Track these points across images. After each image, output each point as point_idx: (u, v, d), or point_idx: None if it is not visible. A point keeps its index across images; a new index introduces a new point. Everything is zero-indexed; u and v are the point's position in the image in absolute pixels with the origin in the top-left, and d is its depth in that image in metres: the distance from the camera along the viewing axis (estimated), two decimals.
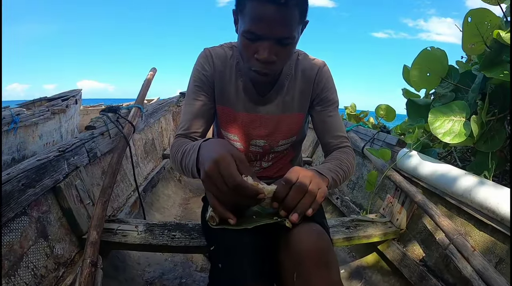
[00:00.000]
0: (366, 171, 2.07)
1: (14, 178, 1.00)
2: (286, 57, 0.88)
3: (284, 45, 0.84)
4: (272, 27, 0.80)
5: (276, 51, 0.84)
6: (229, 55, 1.03)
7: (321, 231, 0.77)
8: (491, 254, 1.12)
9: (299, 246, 0.72)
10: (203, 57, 1.03)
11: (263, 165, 1.15)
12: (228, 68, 1.03)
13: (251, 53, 0.85)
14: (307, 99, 1.06)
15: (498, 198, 1.07)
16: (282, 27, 0.80)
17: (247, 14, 0.81)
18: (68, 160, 1.29)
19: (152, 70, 2.30)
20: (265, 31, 0.80)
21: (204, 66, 1.02)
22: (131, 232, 1.26)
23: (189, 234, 1.23)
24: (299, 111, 1.07)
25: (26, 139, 3.35)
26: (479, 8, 1.23)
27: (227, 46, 1.06)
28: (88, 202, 1.34)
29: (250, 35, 0.83)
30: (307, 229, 0.76)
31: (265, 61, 0.84)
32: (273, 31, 0.80)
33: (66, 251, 1.19)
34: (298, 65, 1.05)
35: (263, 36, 0.81)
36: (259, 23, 0.80)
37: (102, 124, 1.63)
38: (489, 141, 1.30)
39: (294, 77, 1.04)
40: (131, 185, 1.85)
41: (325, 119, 1.06)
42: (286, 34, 0.82)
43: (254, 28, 0.81)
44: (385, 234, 1.45)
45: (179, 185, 2.63)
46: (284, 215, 0.72)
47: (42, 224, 1.12)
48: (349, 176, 0.98)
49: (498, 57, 1.20)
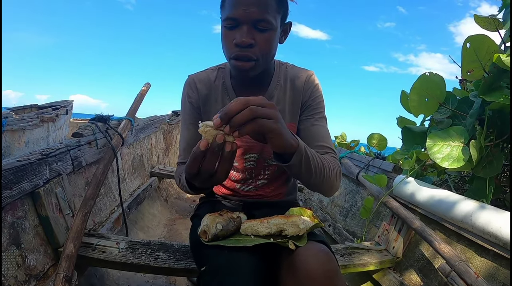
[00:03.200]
0: (360, 198, 2.02)
1: None
2: (264, 43, 0.88)
3: (261, 30, 0.86)
4: (247, 10, 0.83)
5: (253, 35, 0.86)
6: (213, 78, 1.05)
7: (329, 252, 0.71)
8: (494, 281, 1.07)
9: (306, 268, 0.66)
10: (187, 85, 1.06)
11: (258, 183, 1.10)
12: (214, 90, 1.05)
13: (231, 41, 0.87)
14: (297, 108, 1.04)
15: (500, 222, 1.05)
16: (257, 10, 0.84)
17: (226, 6, 0.87)
18: (51, 165, 1.21)
19: (146, 85, 2.27)
20: (241, 14, 0.84)
21: (189, 94, 1.05)
22: (111, 249, 1.16)
23: (173, 255, 1.15)
24: (290, 121, 1.04)
25: (11, 144, 3.24)
26: (478, 34, 1.25)
27: (211, 69, 1.08)
28: (68, 212, 1.25)
29: (228, 22, 0.86)
30: (314, 250, 0.70)
31: (242, 44, 0.85)
32: (249, 14, 0.83)
33: (40, 262, 1.10)
34: (287, 75, 1.05)
35: (239, 19, 0.85)
36: (235, 9, 0.84)
37: (90, 132, 1.56)
38: (487, 167, 1.29)
39: (283, 87, 1.04)
40: (115, 200, 1.76)
41: (309, 127, 1.01)
42: (261, 17, 0.84)
43: (231, 14, 0.85)
44: (380, 262, 1.39)
45: (166, 205, 2.53)
46: (217, 123, 0.58)
47: (15, 230, 1.04)
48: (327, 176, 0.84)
49: (497, 82, 1.21)
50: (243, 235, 0.74)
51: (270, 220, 0.72)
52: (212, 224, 0.72)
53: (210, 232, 0.71)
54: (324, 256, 0.69)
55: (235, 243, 0.70)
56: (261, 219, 0.74)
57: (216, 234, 0.71)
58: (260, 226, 0.72)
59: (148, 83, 2.34)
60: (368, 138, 2.59)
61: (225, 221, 0.73)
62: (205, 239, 0.72)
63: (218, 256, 0.71)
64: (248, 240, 0.71)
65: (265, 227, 0.72)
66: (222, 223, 0.72)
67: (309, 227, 0.73)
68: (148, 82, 2.35)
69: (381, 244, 1.52)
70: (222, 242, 0.71)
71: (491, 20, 1.37)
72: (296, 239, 0.71)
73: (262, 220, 0.73)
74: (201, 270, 0.73)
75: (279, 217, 0.72)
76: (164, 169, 2.61)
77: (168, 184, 2.79)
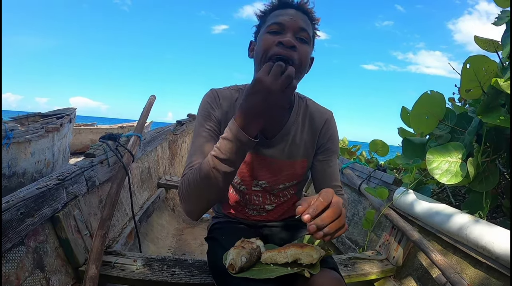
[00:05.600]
0: (361, 208, 2.09)
1: (13, 207, 0.98)
2: (302, 54, 0.91)
3: (302, 40, 0.92)
4: (293, 19, 0.91)
5: (295, 42, 0.89)
6: (234, 97, 1.05)
7: (339, 278, 0.81)
8: None
9: None
10: (210, 96, 1.03)
11: (266, 208, 1.15)
12: (234, 111, 1.02)
13: (273, 43, 0.89)
14: (313, 147, 1.08)
15: (493, 236, 1.11)
16: (301, 21, 0.92)
17: (271, 17, 0.94)
18: (67, 189, 1.27)
19: (151, 98, 2.31)
20: (287, 21, 0.91)
21: (212, 105, 1.02)
22: (129, 266, 1.23)
23: (189, 271, 1.21)
24: (303, 158, 1.08)
25: (17, 156, 3.28)
26: (478, 55, 1.29)
27: (233, 89, 1.07)
28: (86, 233, 1.31)
29: (273, 27, 0.91)
30: (326, 278, 0.78)
31: (287, 43, 0.87)
32: (294, 22, 0.91)
33: (62, 282, 1.16)
34: (307, 112, 1.07)
35: (285, 25, 0.90)
36: (282, 16, 0.92)
37: (102, 152, 1.62)
38: (483, 182, 1.35)
39: (301, 124, 1.06)
40: (127, 215, 1.82)
41: (326, 169, 1.09)
42: (304, 26, 0.92)
43: (277, 20, 0.91)
44: (382, 271, 1.46)
45: (173, 215, 2.60)
46: (313, 230, 0.67)
47: (38, 255, 1.09)
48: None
49: (494, 102, 1.26)
50: (263, 264, 0.83)
51: (287, 251, 0.81)
52: (237, 257, 0.80)
53: (237, 266, 0.79)
54: (335, 282, 0.79)
55: (259, 275, 0.79)
56: (279, 249, 0.83)
57: (242, 266, 0.80)
58: (278, 256, 0.81)
59: (153, 96, 2.37)
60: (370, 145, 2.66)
61: (248, 253, 0.82)
62: (232, 271, 0.80)
63: None
64: (269, 269, 0.80)
65: (283, 257, 0.81)
66: (246, 256, 0.81)
67: (321, 256, 0.82)
68: (153, 95, 2.39)
69: (382, 253, 1.58)
70: (248, 273, 0.79)
71: (491, 42, 1.42)
72: (309, 267, 0.79)
73: (279, 250, 0.82)
74: None
75: (295, 248, 0.81)
76: (170, 179, 2.67)
77: (174, 193, 2.85)
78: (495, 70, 1.26)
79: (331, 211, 0.68)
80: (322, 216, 0.67)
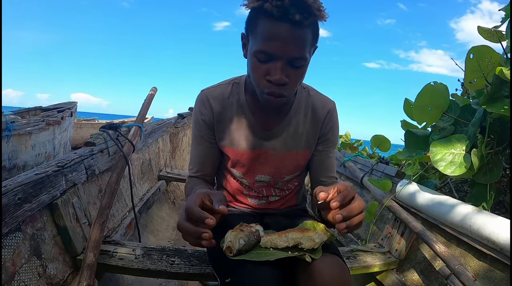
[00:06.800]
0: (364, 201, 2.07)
1: (11, 191, 0.96)
2: (297, 80, 0.85)
3: (296, 67, 0.82)
4: (285, 46, 0.77)
5: (287, 73, 0.81)
6: (227, 94, 1.02)
7: (342, 263, 0.78)
8: (491, 283, 1.13)
9: (322, 279, 0.73)
10: (199, 101, 1.04)
11: (270, 199, 1.14)
12: (228, 107, 1.02)
13: (262, 75, 0.82)
14: (314, 138, 1.06)
15: (497, 228, 1.09)
16: (295, 47, 0.78)
17: (259, 33, 0.79)
18: (66, 176, 1.25)
19: (152, 90, 2.30)
20: (278, 50, 0.78)
21: (201, 111, 1.02)
22: (128, 255, 1.21)
23: (188, 261, 1.19)
24: (305, 149, 1.07)
25: (18, 148, 3.27)
26: (481, 45, 1.28)
27: (225, 84, 1.04)
28: (84, 221, 1.29)
29: (262, 56, 0.80)
30: (328, 262, 0.76)
31: (277, 82, 0.81)
32: (286, 51, 0.78)
33: (59, 271, 1.14)
34: (309, 102, 1.04)
35: (275, 55, 0.79)
36: (271, 42, 0.77)
37: (102, 141, 1.60)
38: (487, 174, 1.33)
39: (303, 114, 1.04)
40: (127, 205, 1.81)
41: (324, 160, 1.09)
42: (298, 54, 0.79)
43: (266, 47, 0.78)
44: (384, 263, 1.44)
45: (173, 208, 2.58)
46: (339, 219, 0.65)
47: (36, 242, 1.08)
48: None
49: (499, 92, 1.25)
50: (263, 248, 0.80)
51: (288, 234, 0.78)
52: (235, 239, 0.78)
53: (235, 248, 0.77)
54: (338, 267, 0.76)
55: (258, 257, 0.76)
56: (279, 233, 0.80)
57: (240, 249, 0.77)
58: (278, 240, 0.78)
59: (155, 88, 2.37)
60: (372, 140, 2.65)
61: (246, 236, 0.79)
62: (230, 254, 0.78)
63: (243, 269, 0.76)
64: (269, 253, 0.77)
65: (283, 241, 0.78)
66: (244, 238, 0.78)
67: (323, 241, 0.79)
68: (155, 87, 2.38)
69: (384, 246, 1.57)
70: (246, 256, 0.77)
71: (494, 32, 1.40)
72: (311, 252, 0.77)
73: (280, 234, 0.79)
74: (226, 281, 0.79)
75: (296, 232, 0.78)
76: (171, 172, 2.65)
77: (175, 186, 2.84)
78: (498, 60, 1.25)
79: (358, 203, 0.66)
80: (350, 207, 0.65)
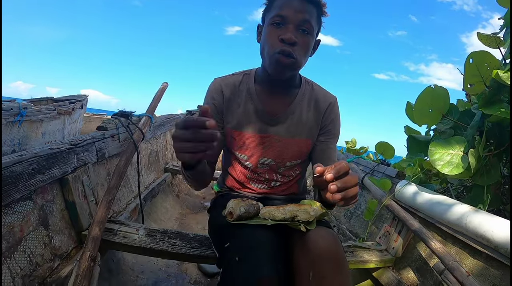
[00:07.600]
0: (364, 201, 2.10)
1: (26, 161, 1.03)
2: (304, 45, 0.98)
3: (304, 32, 0.96)
4: (296, 13, 0.95)
5: (297, 35, 0.95)
6: (238, 83, 1.13)
7: (335, 234, 0.83)
8: (485, 280, 1.14)
9: (316, 246, 0.77)
10: (213, 88, 1.13)
11: (271, 184, 1.19)
12: (238, 94, 1.12)
13: (276, 37, 0.96)
14: (316, 128, 1.14)
15: (492, 226, 1.12)
16: (304, 14, 0.95)
17: (276, 5, 0.97)
18: (78, 155, 1.31)
19: (163, 84, 2.37)
20: (290, 14, 0.95)
21: (214, 96, 1.12)
22: (131, 234, 1.26)
23: (189, 243, 1.23)
24: (308, 137, 1.13)
25: (29, 135, 3.32)
26: (480, 50, 1.33)
27: (237, 74, 1.15)
28: (92, 199, 1.35)
29: (277, 19, 0.96)
30: (323, 232, 0.81)
31: (289, 41, 0.94)
32: (297, 16, 0.95)
33: (64, 244, 1.20)
34: (312, 95, 1.13)
35: (287, 19, 0.95)
36: (286, 8, 0.95)
37: (114, 127, 1.67)
38: (485, 175, 1.36)
39: (306, 105, 1.12)
40: (132, 192, 1.86)
41: (325, 150, 1.14)
42: (307, 18, 0.95)
43: (281, 12, 0.95)
44: (381, 260, 1.47)
45: (177, 200, 2.63)
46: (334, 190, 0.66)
47: (44, 212, 1.13)
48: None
49: (496, 96, 1.28)
50: (261, 219, 0.86)
51: (285, 207, 0.84)
52: (236, 206, 0.84)
53: (235, 213, 0.83)
54: (331, 237, 0.80)
55: (257, 222, 0.82)
56: (277, 206, 0.86)
57: (240, 215, 0.83)
58: (276, 211, 0.84)
59: (166, 83, 2.43)
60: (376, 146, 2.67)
61: (247, 205, 0.86)
62: (230, 218, 0.84)
63: (242, 232, 0.82)
64: (266, 222, 0.83)
65: (280, 213, 0.83)
66: (244, 207, 0.85)
67: (318, 215, 0.84)
68: (166, 82, 2.44)
69: (381, 244, 1.59)
70: (245, 221, 0.83)
71: (493, 38, 1.45)
72: (306, 224, 0.82)
73: (278, 207, 0.85)
74: (225, 247, 0.83)
75: (293, 205, 0.84)
76: (177, 165, 2.71)
77: (180, 180, 2.89)
78: (497, 65, 1.30)
79: (351, 177, 0.70)
80: (344, 179, 0.68)
